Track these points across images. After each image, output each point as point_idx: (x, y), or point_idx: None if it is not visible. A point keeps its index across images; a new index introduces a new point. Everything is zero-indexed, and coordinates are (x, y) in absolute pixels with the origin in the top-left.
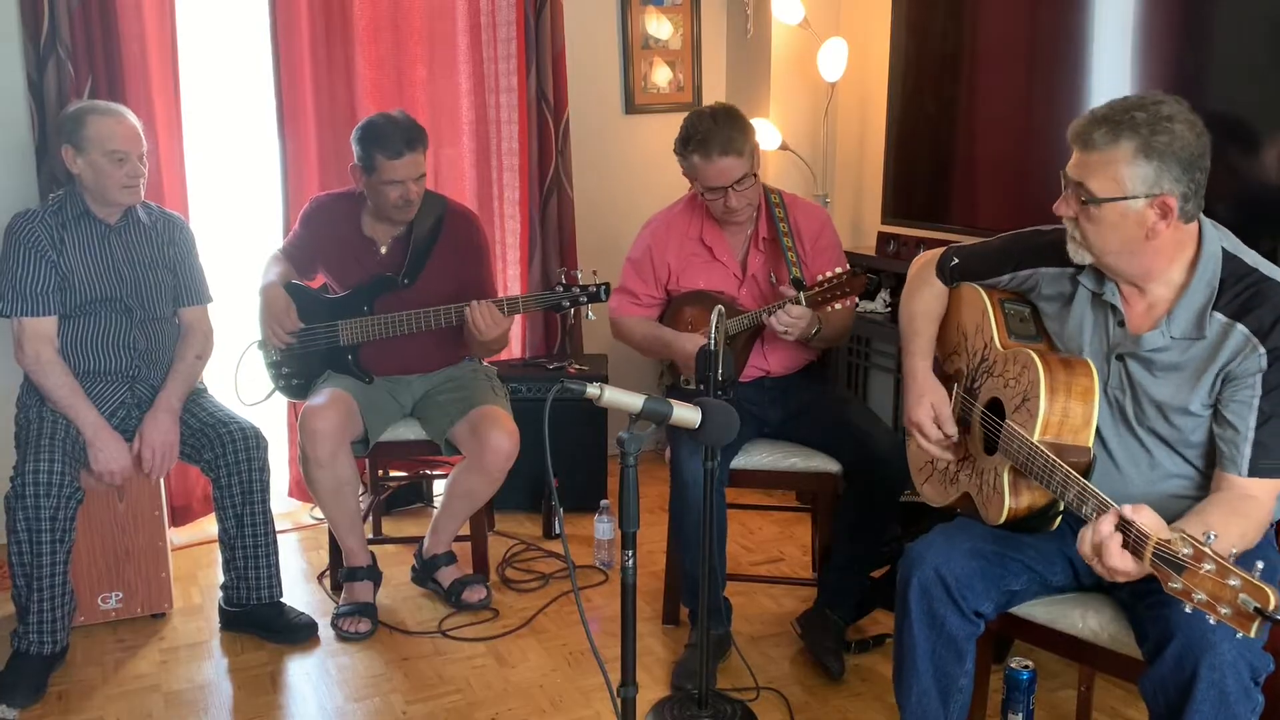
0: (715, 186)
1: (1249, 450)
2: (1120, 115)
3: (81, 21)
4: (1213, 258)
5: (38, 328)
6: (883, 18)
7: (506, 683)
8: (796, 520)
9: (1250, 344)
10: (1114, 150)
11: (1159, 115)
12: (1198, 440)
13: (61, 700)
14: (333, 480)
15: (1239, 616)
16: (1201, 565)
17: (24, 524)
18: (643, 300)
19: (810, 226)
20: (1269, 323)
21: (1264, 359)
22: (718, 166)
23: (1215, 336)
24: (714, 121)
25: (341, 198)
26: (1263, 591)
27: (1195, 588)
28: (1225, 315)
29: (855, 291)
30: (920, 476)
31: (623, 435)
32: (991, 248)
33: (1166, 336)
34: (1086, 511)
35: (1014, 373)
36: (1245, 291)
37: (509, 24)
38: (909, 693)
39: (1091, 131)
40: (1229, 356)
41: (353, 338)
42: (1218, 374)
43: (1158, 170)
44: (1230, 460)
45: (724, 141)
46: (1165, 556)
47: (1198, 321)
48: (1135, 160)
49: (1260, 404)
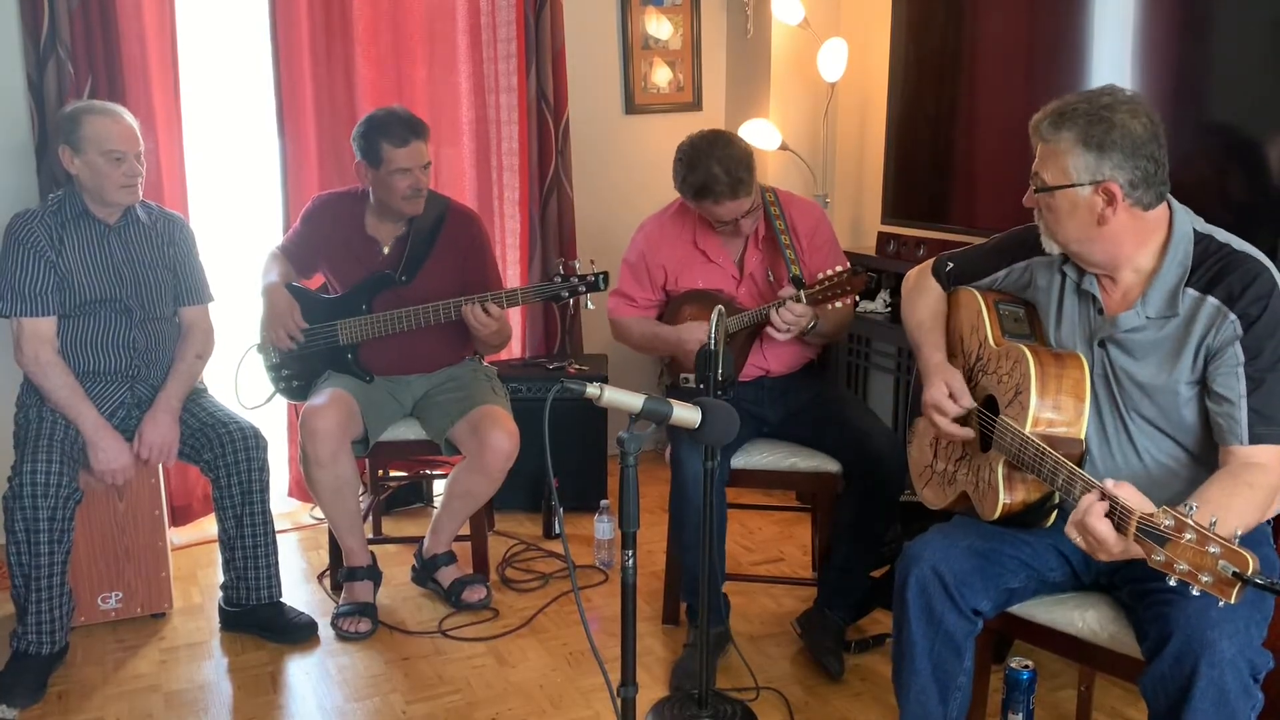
0: (726, 221)
1: (1244, 418)
2: (1065, 108)
3: (81, 21)
4: (1184, 239)
5: (37, 328)
6: (883, 18)
7: (506, 683)
8: (796, 520)
9: (1221, 313)
10: (1059, 141)
11: (1098, 105)
12: (1185, 420)
13: (61, 700)
14: (333, 480)
15: (1219, 583)
16: (1183, 535)
17: (22, 525)
18: (640, 303)
19: (806, 223)
20: (1238, 290)
21: (1237, 325)
22: (729, 208)
23: (1188, 312)
24: (718, 165)
25: (344, 196)
26: (1241, 556)
27: (1178, 559)
28: (1196, 290)
29: (856, 290)
30: (920, 480)
31: (623, 435)
32: (985, 247)
33: (1142, 316)
34: (1075, 495)
35: (1006, 368)
36: (1215, 266)
37: (509, 24)
38: (908, 691)
39: (1041, 124)
40: (1204, 330)
41: (352, 337)
42: (1197, 349)
43: (1098, 158)
44: (1229, 432)
45: (733, 185)
46: (1148, 529)
47: (1170, 300)
48: (1076, 149)
49: (1246, 370)
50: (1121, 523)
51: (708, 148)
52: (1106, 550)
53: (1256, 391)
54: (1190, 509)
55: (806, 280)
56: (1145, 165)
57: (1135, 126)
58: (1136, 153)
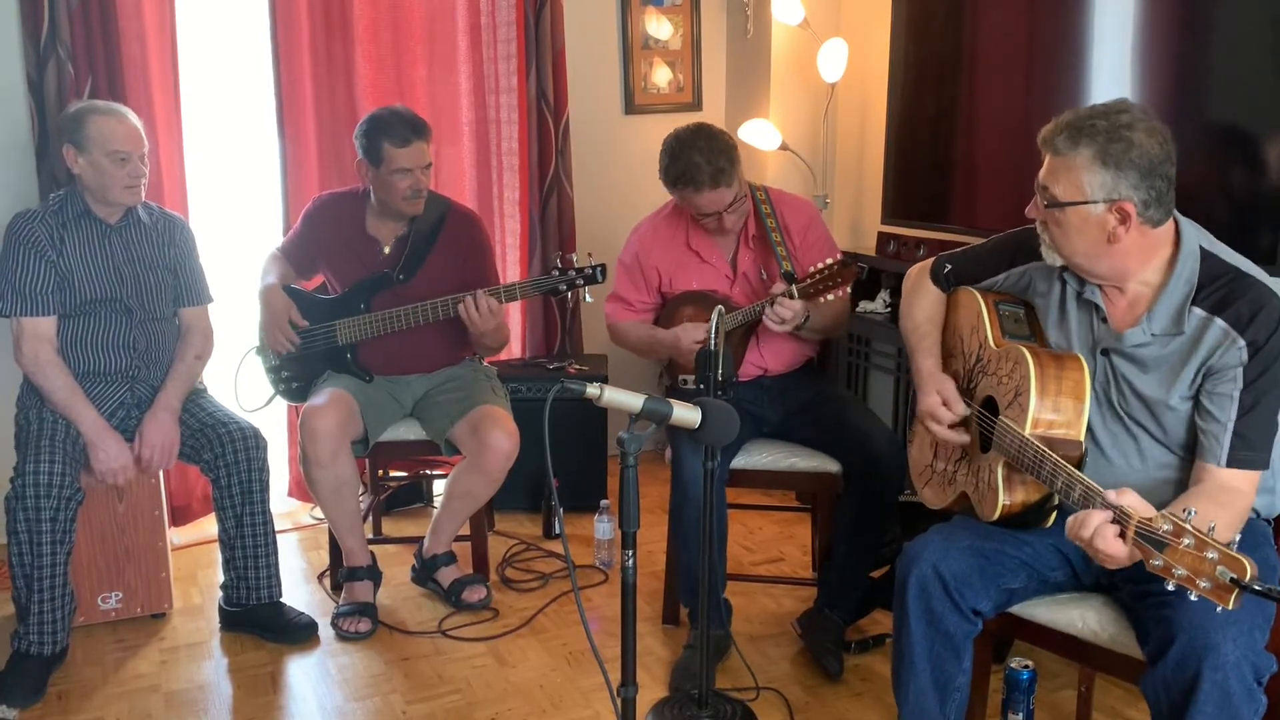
0: (708, 213)
1: (1228, 441)
2: (1082, 122)
3: (81, 21)
4: (1191, 256)
5: (37, 328)
6: (883, 18)
7: (506, 683)
8: (796, 520)
9: (1230, 337)
10: (1074, 156)
11: (1118, 124)
12: (1181, 434)
13: (61, 700)
14: (333, 480)
15: (1218, 589)
16: (1181, 540)
17: (24, 525)
18: (636, 306)
19: (798, 221)
20: (1247, 316)
21: (1244, 351)
22: (709, 198)
23: (1194, 331)
24: (700, 155)
25: (345, 196)
26: (1239, 563)
27: (1176, 563)
28: (1204, 310)
29: (847, 281)
30: (921, 480)
31: (623, 435)
32: (985, 249)
33: (1147, 333)
34: (1074, 498)
35: (1006, 369)
36: (1223, 287)
37: (509, 24)
38: (907, 690)
39: (1055, 137)
40: (1209, 350)
41: (350, 336)
42: (1198, 368)
43: (1115, 177)
44: (1209, 451)
45: (714, 174)
46: (1146, 534)
47: (1176, 317)
48: (1093, 166)
49: (1241, 396)
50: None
51: (690, 138)
52: (1116, 564)
53: (1245, 416)
54: (1189, 513)
55: (798, 275)
56: (1159, 184)
57: (1153, 146)
58: (1153, 172)
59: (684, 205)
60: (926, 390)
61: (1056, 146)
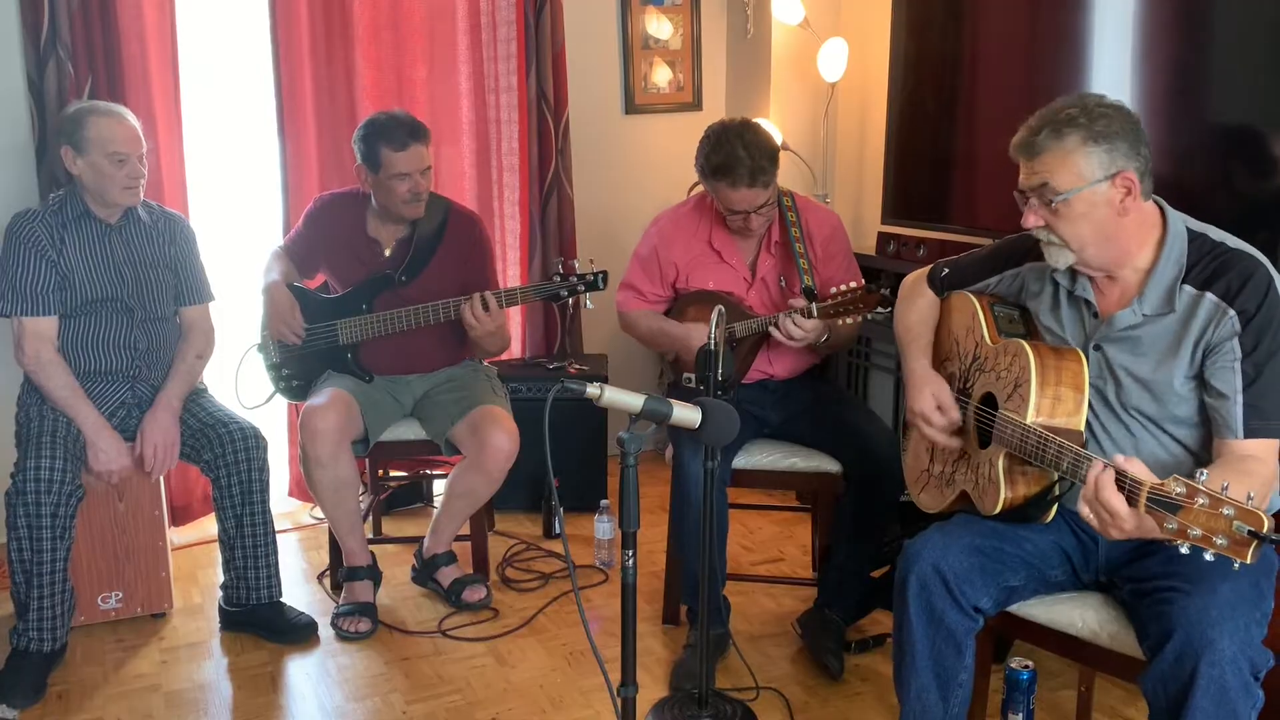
0: (737, 210)
1: (1240, 412)
2: (1056, 115)
3: (81, 21)
4: (1179, 236)
5: (37, 327)
6: (883, 18)
7: (506, 683)
8: (796, 520)
9: (1220, 309)
10: (1064, 146)
11: (1089, 105)
12: (1184, 415)
13: (61, 700)
14: (333, 480)
15: (1235, 545)
16: (1195, 500)
17: (24, 521)
18: (649, 298)
19: (822, 231)
20: (1236, 286)
21: (1236, 321)
22: (744, 195)
23: (1185, 308)
24: (744, 149)
25: (346, 197)
26: (1256, 516)
27: (1190, 524)
28: (1194, 287)
29: (869, 308)
30: (917, 486)
31: (623, 435)
32: (980, 254)
33: (1138, 314)
34: (1082, 476)
35: (1005, 363)
36: (1212, 263)
37: (509, 24)
38: (908, 688)
39: (1033, 138)
40: (1202, 326)
41: (352, 336)
42: (1195, 345)
43: (1109, 151)
44: (1225, 426)
45: (753, 172)
46: (1158, 498)
47: (1168, 296)
48: (1086, 148)
49: (1242, 366)
50: (1132, 496)
51: (738, 129)
52: (1119, 525)
53: (1252, 386)
54: (1202, 475)
55: (819, 293)
56: (1145, 152)
57: (1128, 116)
58: (1138, 139)
59: (716, 199)
60: (919, 391)
61: (1040, 145)
